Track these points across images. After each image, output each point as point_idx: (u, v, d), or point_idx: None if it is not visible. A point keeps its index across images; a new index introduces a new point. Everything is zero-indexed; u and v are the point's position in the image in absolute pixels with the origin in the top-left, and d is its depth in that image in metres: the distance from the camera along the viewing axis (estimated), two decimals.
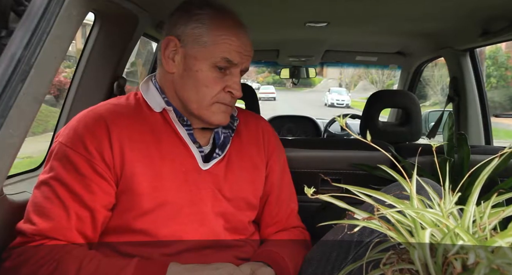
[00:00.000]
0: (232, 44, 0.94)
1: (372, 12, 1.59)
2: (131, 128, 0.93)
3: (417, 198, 0.49)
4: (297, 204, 1.15)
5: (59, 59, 0.66)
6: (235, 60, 0.95)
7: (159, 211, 0.90)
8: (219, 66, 0.95)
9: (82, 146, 0.88)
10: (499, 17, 1.51)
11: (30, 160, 3.76)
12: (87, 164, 0.87)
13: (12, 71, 0.58)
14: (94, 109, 0.95)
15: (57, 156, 0.89)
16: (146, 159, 0.92)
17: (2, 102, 0.57)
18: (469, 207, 0.48)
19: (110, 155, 0.89)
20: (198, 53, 0.94)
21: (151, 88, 1.01)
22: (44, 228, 0.85)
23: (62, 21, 0.63)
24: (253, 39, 1.01)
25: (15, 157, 0.62)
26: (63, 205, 0.86)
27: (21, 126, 0.61)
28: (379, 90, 2.49)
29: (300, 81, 3.61)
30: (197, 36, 0.94)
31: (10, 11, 0.62)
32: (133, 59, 2.31)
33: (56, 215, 0.86)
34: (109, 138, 0.89)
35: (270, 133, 1.15)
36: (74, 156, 0.87)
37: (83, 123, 0.91)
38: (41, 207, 0.86)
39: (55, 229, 0.85)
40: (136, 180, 0.89)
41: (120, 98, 1.02)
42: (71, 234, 0.87)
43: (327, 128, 3.74)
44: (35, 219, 0.86)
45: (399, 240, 0.45)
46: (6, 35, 0.60)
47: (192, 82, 0.96)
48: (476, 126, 2.14)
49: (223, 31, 0.94)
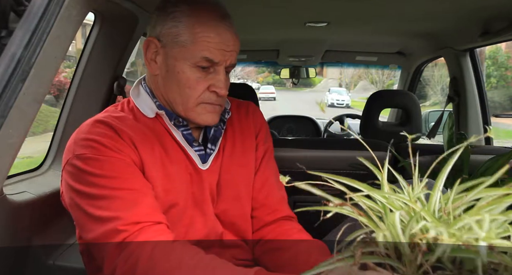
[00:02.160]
0: (211, 41, 0.89)
1: (372, 12, 1.59)
2: (136, 133, 0.91)
3: (388, 186, 0.52)
4: (286, 194, 1.10)
5: (59, 59, 0.66)
6: (216, 59, 0.90)
7: (166, 214, 0.90)
8: (200, 65, 0.90)
9: (104, 147, 0.85)
10: (499, 17, 1.51)
11: (30, 160, 3.76)
12: (119, 162, 0.85)
13: (12, 71, 0.58)
14: (96, 118, 0.92)
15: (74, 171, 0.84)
16: (157, 162, 0.91)
17: (2, 102, 0.57)
18: (434, 191, 0.51)
19: (133, 154, 0.87)
20: (178, 54, 0.90)
21: (141, 93, 0.99)
22: (130, 215, 0.80)
23: (62, 21, 0.63)
24: (253, 39, 1.00)
25: (15, 157, 0.62)
26: (128, 191, 0.83)
27: (21, 126, 0.61)
28: (379, 90, 2.49)
29: (300, 81, 3.61)
30: (175, 36, 0.90)
31: (10, 11, 0.62)
32: (133, 59, 2.31)
33: (122, 205, 0.81)
34: (122, 139, 0.87)
35: (260, 120, 1.12)
36: (101, 158, 0.84)
37: (95, 133, 0.87)
38: (98, 206, 0.82)
39: (142, 212, 0.81)
40: (153, 183, 0.88)
41: (115, 107, 0.99)
42: (158, 211, 0.84)
43: (327, 128, 3.74)
44: (104, 214, 0.80)
45: (369, 225, 0.47)
46: (6, 35, 0.60)
47: (175, 83, 0.93)
48: (476, 126, 2.14)
49: (201, 28, 0.89)
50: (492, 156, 1.43)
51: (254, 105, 1.15)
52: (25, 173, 1.30)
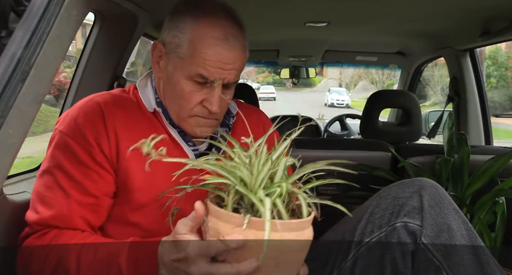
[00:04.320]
0: (207, 59, 0.87)
1: (372, 12, 1.59)
2: (127, 121, 0.92)
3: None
4: None
5: (59, 59, 0.66)
6: (211, 77, 0.88)
7: (154, 206, 0.90)
8: (195, 80, 0.89)
9: (82, 136, 0.88)
10: (499, 17, 1.51)
11: (30, 160, 3.76)
12: (86, 154, 0.88)
13: (12, 71, 0.58)
14: (94, 98, 0.95)
15: (58, 145, 0.89)
16: (140, 154, 0.92)
17: (2, 102, 0.56)
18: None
19: (107, 146, 0.89)
20: (176, 64, 0.90)
21: (148, 86, 1.00)
22: (47, 217, 0.85)
23: (62, 21, 0.63)
24: (253, 39, 0.99)
25: (15, 157, 0.62)
26: (64, 193, 0.86)
27: (21, 127, 0.61)
28: (379, 90, 2.49)
29: (300, 81, 3.61)
30: (176, 46, 0.89)
31: (10, 11, 0.62)
32: (133, 59, 2.31)
33: (58, 203, 0.86)
34: (106, 128, 0.89)
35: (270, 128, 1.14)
36: (74, 145, 0.88)
37: (83, 113, 0.91)
38: (43, 196, 0.87)
39: (57, 217, 0.86)
40: (131, 175, 0.89)
41: (122, 91, 1.01)
42: (73, 221, 0.87)
43: (327, 128, 3.74)
44: (38, 208, 0.86)
45: (215, 180, 0.67)
46: (6, 35, 0.60)
47: (172, 92, 0.93)
48: (476, 126, 2.14)
49: (200, 44, 0.87)
50: (492, 156, 1.43)
51: (264, 115, 1.16)
52: (25, 173, 1.29)
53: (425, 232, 0.88)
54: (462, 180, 1.45)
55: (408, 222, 0.89)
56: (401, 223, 0.90)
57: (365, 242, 0.92)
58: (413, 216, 0.89)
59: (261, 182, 0.65)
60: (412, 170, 1.50)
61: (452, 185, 1.46)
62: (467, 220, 0.90)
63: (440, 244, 0.86)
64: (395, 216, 0.91)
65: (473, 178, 1.43)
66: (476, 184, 1.41)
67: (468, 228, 0.88)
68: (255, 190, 0.64)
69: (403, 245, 0.89)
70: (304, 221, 0.64)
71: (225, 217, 0.64)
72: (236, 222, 0.62)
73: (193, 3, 0.91)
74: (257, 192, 0.63)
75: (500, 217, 1.39)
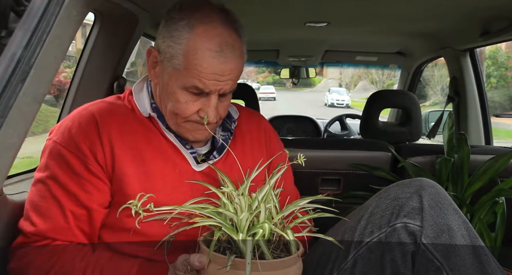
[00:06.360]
0: (203, 71, 0.85)
1: (372, 12, 1.59)
2: (122, 129, 0.92)
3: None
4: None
5: (59, 59, 0.66)
6: (207, 89, 0.87)
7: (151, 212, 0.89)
8: (190, 91, 0.89)
9: (76, 146, 0.88)
10: (499, 17, 1.51)
11: (30, 160, 3.76)
12: (81, 164, 0.88)
13: (12, 71, 0.57)
14: (88, 108, 0.95)
15: (52, 155, 0.89)
16: (136, 160, 0.91)
17: (2, 102, 0.56)
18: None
19: (102, 155, 0.89)
20: (172, 74, 0.89)
21: (143, 91, 1.00)
22: (44, 229, 0.85)
23: (62, 21, 0.63)
24: (253, 39, 0.99)
25: (15, 157, 0.62)
26: (59, 204, 0.86)
27: (21, 127, 0.61)
28: (379, 90, 2.49)
29: (300, 81, 3.61)
30: (171, 56, 0.88)
31: (10, 11, 0.62)
32: (133, 59, 2.31)
33: (53, 214, 0.86)
34: (100, 137, 0.89)
35: (271, 132, 1.15)
36: (68, 156, 0.88)
37: (77, 123, 0.91)
38: (38, 206, 0.87)
39: (54, 229, 0.86)
40: (127, 181, 0.89)
41: (116, 98, 1.01)
42: (70, 233, 0.87)
43: (327, 128, 3.74)
44: (34, 219, 0.86)
45: (204, 223, 0.71)
46: (6, 35, 0.60)
47: (167, 99, 0.93)
48: (476, 126, 2.14)
49: (195, 56, 0.85)
50: (492, 156, 1.43)
51: (265, 119, 1.17)
52: (25, 173, 1.29)
53: (425, 233, 0.87)
54: (462, 180, 1.45)
55: (408, 223, 0.89)
56: (401, 224, 0.89)
57: (365, 243, 0.92)
58: (413, 217, 0.89)
59: (246, 223, 0.67)
60: (412, 170, 1.50)
61: (452, 185, 1.46)
62: (467, 220, 0.90)
63: (440, 245, 0.86)
64: (395, 216, 0.91)
65: (473, 178, 1.43)
66: (476, 184, 1.41)
67: (468, 228, 0.88)
68: (241, 230, 0.67)
69: (403, 245, 0.89)
70: (287, 260, 0.66)
71: (211, 256, 0.67)
72: (221, 263, 0.65)
73: (188, 9, 0.89)
74: (241, 233, 0.67)
75: (500, 217, 1.39)
